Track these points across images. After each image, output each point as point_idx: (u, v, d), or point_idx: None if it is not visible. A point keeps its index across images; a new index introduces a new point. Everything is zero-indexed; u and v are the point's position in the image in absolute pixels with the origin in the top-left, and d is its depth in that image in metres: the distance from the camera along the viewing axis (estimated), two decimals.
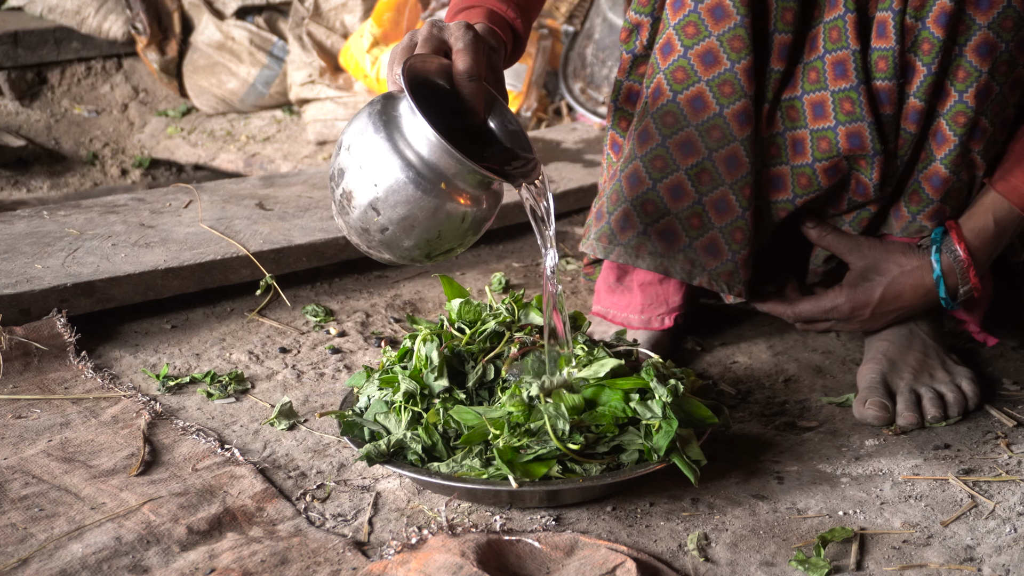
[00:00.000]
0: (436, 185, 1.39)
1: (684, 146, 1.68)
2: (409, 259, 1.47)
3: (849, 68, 1.65)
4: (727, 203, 1.70)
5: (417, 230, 1.42)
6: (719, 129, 1.66)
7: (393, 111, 1.42)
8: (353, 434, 1.54)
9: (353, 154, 1.41)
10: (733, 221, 1.71)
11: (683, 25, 1.65)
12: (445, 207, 1.41)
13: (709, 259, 1.73)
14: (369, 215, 1.41)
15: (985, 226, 1.72)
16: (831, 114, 1.67)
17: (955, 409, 1.72)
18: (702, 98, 1.66)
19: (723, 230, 1.71)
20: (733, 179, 1.69)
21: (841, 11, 1.64)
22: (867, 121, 1.65)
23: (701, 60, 1.65)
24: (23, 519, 1.43)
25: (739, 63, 1.64)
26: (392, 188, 1.39)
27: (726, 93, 1.65)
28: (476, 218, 1.45)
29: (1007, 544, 1.42)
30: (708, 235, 1.72)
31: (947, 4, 1.59)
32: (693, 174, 1.69)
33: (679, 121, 1.68)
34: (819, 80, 1.67)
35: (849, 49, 1.64)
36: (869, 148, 1.67)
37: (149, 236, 2.16)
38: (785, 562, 1.38)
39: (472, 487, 1.44)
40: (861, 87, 1.65)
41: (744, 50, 1.63)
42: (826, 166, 1.70)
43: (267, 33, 4.21)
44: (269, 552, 1.37)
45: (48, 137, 4.08)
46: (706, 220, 1.71)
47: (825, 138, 1.69)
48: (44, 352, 1.84)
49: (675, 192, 1.71)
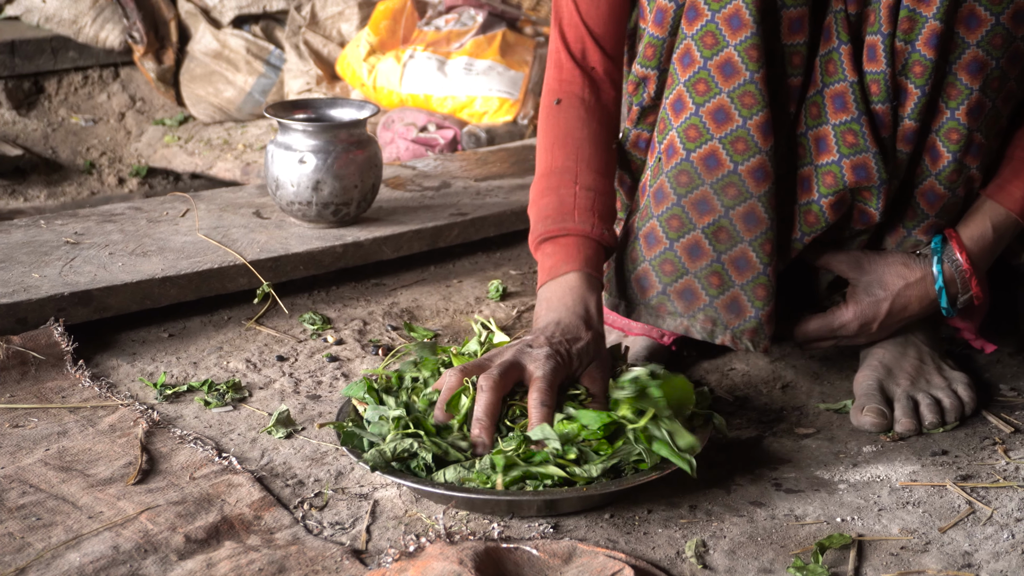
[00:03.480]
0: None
1: (700, 204, 1.65)
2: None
3: (848, 100, 1.63)
4: (747, 260, 1.66)
5: None
6: (735, 186, 1.63)
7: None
8: (352, 444, 1.54)
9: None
10: (755, 278, 1.67)
11: (694, 82, 1.62)
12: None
13: (732, 317, 1.69)
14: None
15: (984, 233, 1.71)
16: (834, 148, 1.65)
17: (952, 415, 1.72)
18: (716, 155, 1.63)
19: (745, 287, 1.67)
20: (752, 236, 1.65)
21: (835, 43, 1.63)
22: (872, 152, 1.63)
23: (712, 118, 1.62)
24: (20, 528, 1.43)
25: (751, 119, 1.61)
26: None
27: (739, 150, 1.62)
28: None
29: (1005, 550, 1.42)
30: (729, 293, 1.68)
31: (937, 26, 1.58)
32: (710, 232, 1.66)
33: (693, 180, 1.65)
34: (820, 115, 1.65)
35: (847, 81, 1.62)
36: (875, 179, 1.64)
37: (146, 245, 2.16)
38: (783, 569, 1.38)
39: (470, 496, 1.44)
40: (863, 118, 1.63)
41: (756, 106, 1.60)
42: (832, 201, 1.67)
43: (264, 42, 4.22)
44: (267, 560, 1.37)
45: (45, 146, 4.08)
46: (726, 278, 1.67)
47: (830, 173, 1.66)
48: (41, 361, 1.83)
49: (692, 251, 1.67)
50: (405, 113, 3.64)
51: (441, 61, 3.75)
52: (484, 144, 3.48)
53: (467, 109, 3.66)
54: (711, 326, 1.70)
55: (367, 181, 2.24)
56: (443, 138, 3.51)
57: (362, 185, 2.23)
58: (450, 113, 3.68)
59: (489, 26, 3.87)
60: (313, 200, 2.21)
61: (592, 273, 1.65)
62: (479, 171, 2.68)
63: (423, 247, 2.31)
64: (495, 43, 3.77)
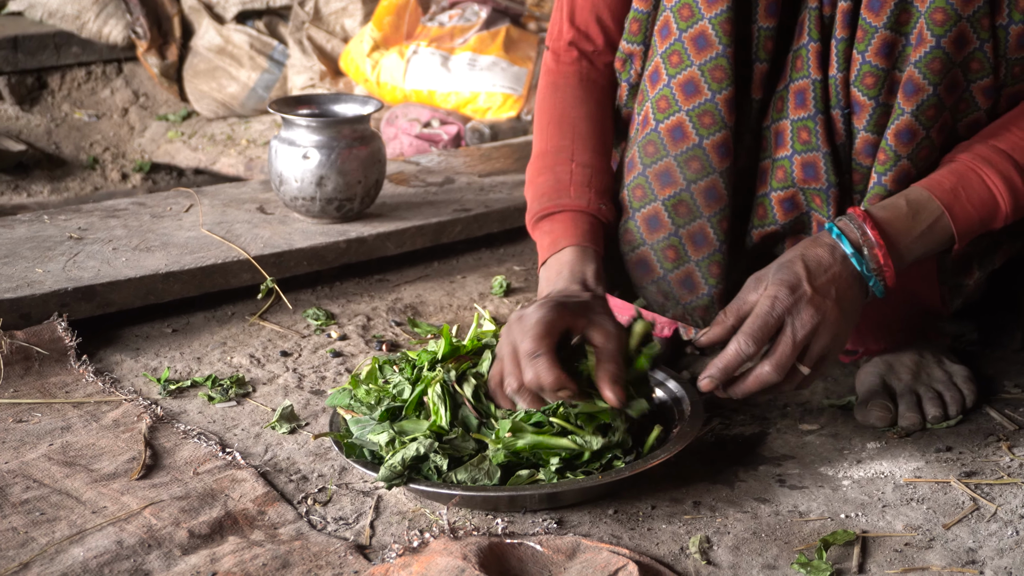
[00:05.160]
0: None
1: (662, 176, 1.64)
2: None
3: (808, 97, 1.62)
4: (705, 236, 1.65)
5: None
6: (698, 160, 1.62)
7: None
8: (357, 455, 1.53)
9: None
10: (711, 254, 1.66)
11: (668, 54, 1.63)
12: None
13: (684, 293, 1.68)
14: None
15: (895, 204, 1.59)
16: (789, 143, 1.64)
17: (953, 408, 1.71)
18: (682, 128, 1.62)
19: (700, 263, 1.66)
20: (711, 211, 1.63)
21: (805, 40, 1.62)
22: (822, 151, 1.62)
23: (682, 89, 1.61)
24: (24, 523, 1.43)
25: (720, 93, 1.60)
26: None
27: (706, 124, 1.61)
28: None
29: (1009, 547, 1.42)
30: (684, 268, 1.67)
31: (887, 35, 1.56)
32: (670, 205, 1.65)
33: (659, 150, 1.64)
34: (783, 109, 1.64)
35: (810, 78, 1.61)
36: (823, 180, 1.62)
37: (150, 240, 2.16)
38: (787, 565, 1.38)
39: (469, 494, 1.44)
40: (819, 116, 1.61)
41: (725, 80, 1.60)
42: (781, 196, 1.66)
43: (267, 37, 4.21)
44: (271, 556, 1.37)
45: (48, 142, 4.08)
46: (682, 252, 1.66)
47: (782, 167, 1.65)
48: (45, 356, 1.84)
49: (651, 222, 1.67)
50: (409, 109, 3.64)
51: (445, 57, 3.75)
52: (488, 140, 3.48)
53: (471, 105, 3.66)
54: (663, 299, 1.70)
55: (371, 177, 2.24)
56: (447, 134, 3.50)
57: (365, 181, 2.23)
58: (454, 109, 3.68)
59: (493, 22, 3.86)
60: (317, 195, 2.21)
61: (589, 246, 1.63)
62: (483, 167, 2.68)
63: (427, 243, 2.31)
64: (499, 39, 3.77)
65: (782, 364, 1.52)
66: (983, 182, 1.56)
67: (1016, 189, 1.56)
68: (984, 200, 1.56)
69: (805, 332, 1.51)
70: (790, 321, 1.52)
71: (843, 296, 1.54)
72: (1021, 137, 1.58)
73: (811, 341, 1.52)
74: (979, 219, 1.57)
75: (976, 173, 1.56)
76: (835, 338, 1.54)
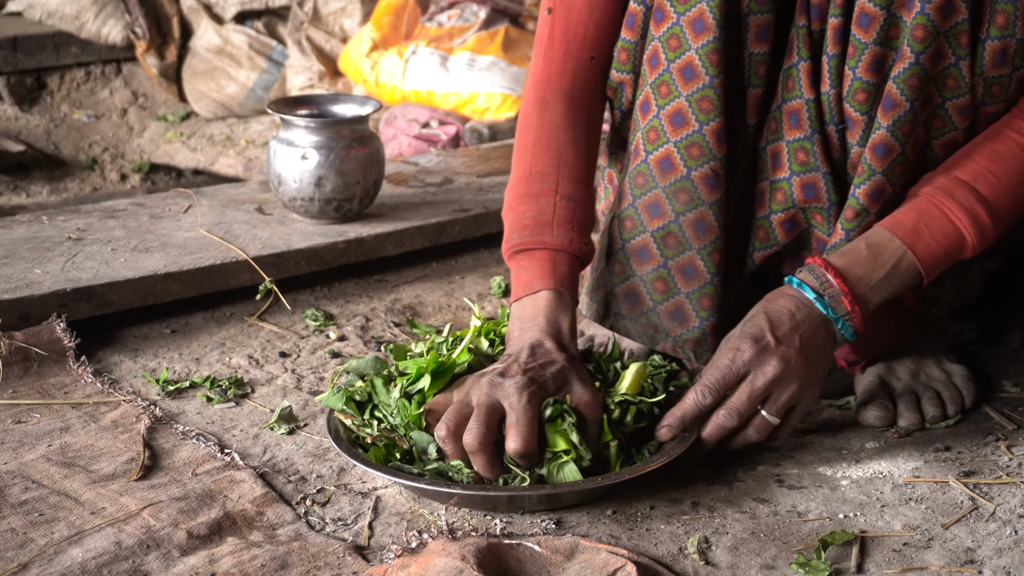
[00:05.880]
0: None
1: (651, 207, 1.63)
2: None
3: (803, 117, 1.61)
4: (695, 268, 1.63)
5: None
6: (687, 192, 1.61)
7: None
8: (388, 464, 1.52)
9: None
10: (701, 287, 1.64)
11: (657, 84, 1.61)
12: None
13: (675, 325, 1.67)
14: None
15: (855, 248, 1.56)
16: (786, 165, 1.63)
17: (952, 408, 1.71)
18: (670, 159, 1.61)
19: (690, 296, 1.64)
20: (701, 244, 1.62)
21: (795, 59, 1.61)
22: (821, 172, 1.61)
23: (671, 121, 1.60)
24: (23, 524, 1.43)
25: (707, 124, 1.58)
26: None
27: (694, 155, 1.59)
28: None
29: (1008, 546, 1.42)
30: (674, 300, 1.66)
31: (878, 50, 1.55)
32: (659, 236, 1.63)
33: (648, 182, 1.63)
34: (778, 130, 1.63)
35: (803, 98, 1.60)
36: (824, 200, 1.62)
37: (148, 241, 2.16)
38: (786, 565, 1.38)
39: (468, 493, 1.44)
40: (815, 136, 1.60)
41: (713, 112, 1.58)
42: (782, 219, 1.65)
43: (266, 38, 4.21)
44: (269, 556, 1.37)
45: (47, 142, 4.09)
46: (671, 284, 1.65)
47: (781, 189, 1.64)
48: (44, 357, 1.84)
49: (640, 254, 1.66)
50: (407, 109, 3.64)
51: (443, 57, 3.75)
52: (486, 140, 3.48)
53: (469, 105, 3.66)
54: (652, 332, 1.68)
55: (369, 177, 2.24)
56: (445, 134, 3.51)
57: (364, 181, 2.23)
58: (452, 109, 3.68)
59: (492, 22, 3.87)
60: (315, 196, 2.21)
61: (566, 292, 1.59)
62: (481, 167, 2.68)
63: (425, 243, 2.31)
64: (498, 39, 3.77)
65: (736, 408, 1.51)
66: (946, 216, 1.55)
67: (979, 220, 1.55)
68: (948, 234, 1.55)
69: (765, 380, 1.50)
70: (752, 371, 1.51)
71: (808, 343, 1.52)
72: (984, 165, 1.56)
73: (775, 390, 1.51)
74: (944, 253, 1.56)
75: (939, 208, 1.56)
76: (804, 385, 1.53)
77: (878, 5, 1.54)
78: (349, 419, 1.56)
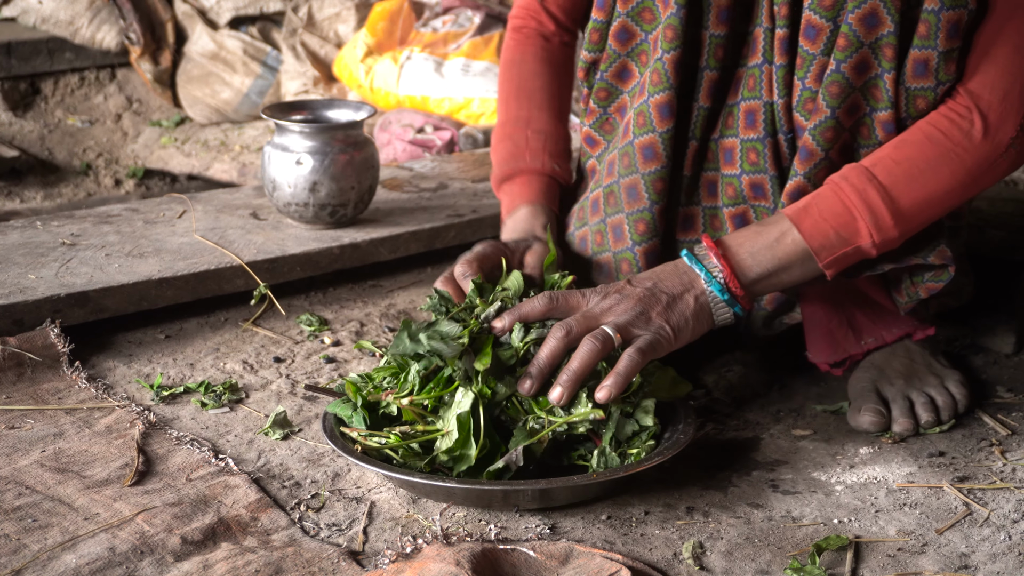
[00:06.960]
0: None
1: (610, 165, 1.75)
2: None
3: (759, 119, 1.64)
4: (621, 232, 1.75)
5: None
6: (628, 157, 1.71)
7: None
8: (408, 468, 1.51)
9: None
10: (623, 251, 1.76)
11: (633, 55, 1.75)
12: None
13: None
14: None
15: (746, 229, 1.59)
16: (738, 162, 1.68)
17: (946, 413, 1.72)
18: (627, 126, 1.72)
19: (617, 254, 1.77)
20: (631, 209, 1.72)
21: (759, 60, 1.65)
22: (769, 174, 1.66)
23: (633, 92, 1.74)
24: (16, 530, 1.43)
25: (653, 96, 1.67)
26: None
27: (639, 124, 1.69)
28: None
29: (1002, 552, 1.42)
30: (604, 255, 1.78)
31: (825, 60, 1.58)
32: (605, 193, 1.77)
33: (611, 146, 1.77)
34: (733, 126, 1.68)
35: (762, 100, 1.64)
36: (771, 200, 1.67)
37: (143, 246, 2.15)
38: (780, 570, 1.38)
39: (464, 487, 1.44)
40: (767, 140, 1.64)
41: (660, 84, 1.66)
42: (733, 212, 1.71)
43: (261, 43, 4.21)
44: (263, 562, 1.37)
45: (41, 147, 4.08)
46: (605, 242, 1.78)
47: (731, 185, 1.70)
48: (37, 362, 1.83)
49: (594, 204, 1.79)
50: (402, 114, 3.64)
51: (438, 62, 3.75)
52: (481, 145, 3.48)
53: (464, 110, 3.66)
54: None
55: (364, 182, 2.24)
56: (440, 139, 3.51)
57: (359, 186, 2.23)
58: (447, 114, 3.68)
59: (486, 27, 3.87)
60: (310, 201, 2.21)
61: (541, 203, 1.82)
62: (476, 172, 2.68)
63: (420, 248, 2.31)
64: (492, 45, 3.78)
65: (569, 323, 1.50)
66: (836, 196, 1.57)
67: (871, 202, 1.56)
68: (837, 214, 1.56)
69: (598, 298, 1.53)
70: (595, 295, 1.55)
71: (662, 284, 1.55)
72: (887, 152, 1.58)
73: (615, 310, 1.52)
74: (835, 233, 1.56)
75: (832, 190, 1.58)
76: (646, 316, 1.53)
77: (824, 17, 1.57)
78: (354, 431, 1.55)
